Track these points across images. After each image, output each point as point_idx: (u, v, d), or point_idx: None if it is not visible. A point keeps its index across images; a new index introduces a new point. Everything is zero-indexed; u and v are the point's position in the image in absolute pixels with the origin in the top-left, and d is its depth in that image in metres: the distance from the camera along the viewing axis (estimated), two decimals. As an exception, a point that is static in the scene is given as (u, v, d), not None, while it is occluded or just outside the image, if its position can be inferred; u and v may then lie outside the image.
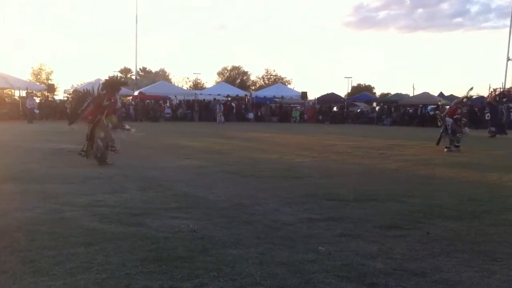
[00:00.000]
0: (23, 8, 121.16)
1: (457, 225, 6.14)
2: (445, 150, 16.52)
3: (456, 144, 16.70)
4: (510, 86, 49.76)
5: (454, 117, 16.81)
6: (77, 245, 4.90)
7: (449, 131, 16.78)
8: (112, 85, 11.99)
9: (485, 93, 38.57)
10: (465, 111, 17.32)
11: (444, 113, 17.37)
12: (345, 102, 50.68)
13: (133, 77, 65.87)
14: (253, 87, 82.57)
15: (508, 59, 52.82)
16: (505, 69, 53.01)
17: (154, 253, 4.71)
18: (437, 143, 17.25)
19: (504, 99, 31.21)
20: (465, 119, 17.13)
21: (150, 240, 5.14)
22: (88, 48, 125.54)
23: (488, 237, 5.61)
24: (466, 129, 17.07)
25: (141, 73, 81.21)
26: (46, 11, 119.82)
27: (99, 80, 46.61)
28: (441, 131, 17.32)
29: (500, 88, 47.61)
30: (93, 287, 3.90)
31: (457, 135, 16.82)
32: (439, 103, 17.93)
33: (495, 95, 31.59)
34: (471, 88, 18.04)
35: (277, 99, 49.74)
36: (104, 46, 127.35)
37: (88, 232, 5.39)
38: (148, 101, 44.86)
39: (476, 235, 5.66)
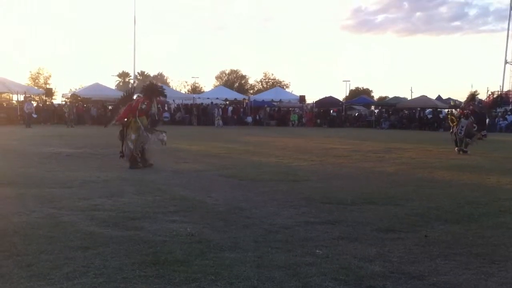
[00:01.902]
0: (21, 11, 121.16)
1: (455, 228, 6.14)
2: (457, 150, 16.60)
3: (464, 149, 16.76)
4: (508, 89, 50.02)
5: (467, 116, 16.95)
6: (74, 249, 4.88)
7: (462, 133, 16.85)
8: (152, 90, 12.40)
9: (483, 96, 38.62)
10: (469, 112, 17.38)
11: (458, 115, 17.47)
12: (343, 106, 50.70)
13: (131, 81, 65.87)
14: (252, 91, 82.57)
15: (506, 62, 53.07)
16: (503, 72, 53.31)
17: (152, 257, 4.70)
18: (456, 145, 17.26)
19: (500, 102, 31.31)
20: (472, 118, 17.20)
21: (147, 244, 5.13)
22: (86, 52, 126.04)
23: (486, 239, 5.62)
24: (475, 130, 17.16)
25: (139, 77, 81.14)
26: (44, 14, 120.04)
27: (97, 84, 46.83)
28: (451, 131, 17.40)
29: (498, 91, 47.89)
30: (91, 291, 3.90)
31: (467, 140, 16.91)
32: (452, 103, 18.22)
33: (493, 98, 31.73)
34: (493, 93, 18.44)
35: (275, 103, 49.79)
36: (102, 50, 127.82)
37: (86, 236, 5.37)
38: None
39: (474, 238, 5.66)
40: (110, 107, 36.76)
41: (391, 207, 7.38)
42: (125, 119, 11.88)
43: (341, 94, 71.86)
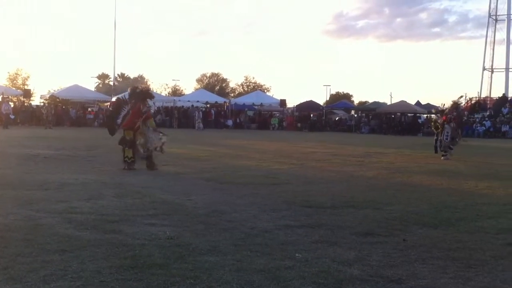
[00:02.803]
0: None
1: (433, 232, 6.19)
2: (442, 158, 16.77)
3: (451, 146, 17.02)
4: (486, 95, 50.78)
5: (450, 122, 17.25)
6: (51, 252, 4.82)
7: (448, 138, 17.07)
8: (144, 96, 12.50)
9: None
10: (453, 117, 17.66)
11: (441, 121, 17.68)
12: (324, 110, 50.97)
13: (111, 83, 65.40)
14: (232, 94, 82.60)
15: (484, 68, 53.85)
16: (480, 79, 54.09)
17: (130, 260, 4.66)
18: (436, 151, 17.54)
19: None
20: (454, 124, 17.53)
21: (126, 247, 5.09)
22: (66, 53, 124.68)
23: (463, 244, 5.68)
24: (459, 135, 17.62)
25: (119, 79, 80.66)
26: (22, 15, 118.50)
27: (76, 86, 46.39)
28: (436, 138, 17.62)
29: (476, 97, 48.59)
30: (68, 295, 3.85)
31: (456, 139, 17.31)
32: (440, 108, 18.63)
33: (472, 104, 32.24)
34: (461, 96, 18.91)
35: (256, 106, 49.86)
36: (82, 52, 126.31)
37: (63, 239, 5.31)
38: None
39: (452, 242, 5.72)
40: (100, 112, 36.45)
41: (370, 211, 7.42)
42: (131, 125, 11.99)
43: (321, 99, 72.03)
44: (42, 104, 44.85)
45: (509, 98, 45.26)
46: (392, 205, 8.00)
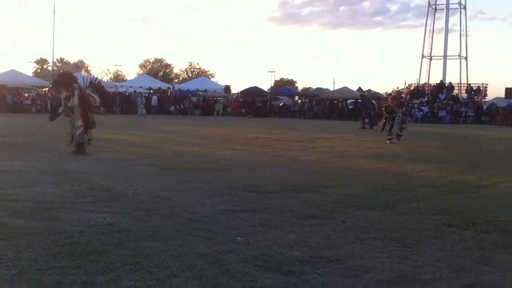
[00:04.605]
0: None
1: (371, 214, 6.36)
2: (388, 142, 17.24)
3: (399, 133, 17.58)
4: (424, 82, 52.33)
5: (402, 107, 18.05)
6: (-15, 241, 4.65)
7: (399, 122, 17.59)
8: (64, 81, 12.62)
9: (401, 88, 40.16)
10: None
11: (394, 105, 18.22)
12: (268, 96, 51.15)
13: (50, 68, 63.34)
14: (176, 80, 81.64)
15: (423, 56, 55.41)
16: (420, 66, 55.63)
17: (68, 247, 4.55)
18: (383, 130, 18.21)
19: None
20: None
21: (63, 234, 4.96)
22: (1, 37, 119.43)
23: (399, 224, 5.86)
24: (409, 119, 18.35)
25: (58, 64, 78.05)
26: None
27: (13, 71, 44.62)
28: (385, 121, 18.07)
29: (415, 83, 50.02)
30: (3, 283, 3.72)
31: (403, 125, 17.90)
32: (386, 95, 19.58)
33: (411, 90, 33.20)
34: (410, 85, 19.81)
35: (200, 92, 49.50)
36: (19, 36, 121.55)
37: (-3, 228, 5.12)
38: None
39: (389, 223, 5.89)
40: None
41: (311, 195, 7.54)
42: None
43: (266, 85, 72.41)
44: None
45: (446, 85, 46.72)
46: (332, 188, 8.15)
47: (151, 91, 48.04)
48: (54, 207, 6.16)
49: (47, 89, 43.25)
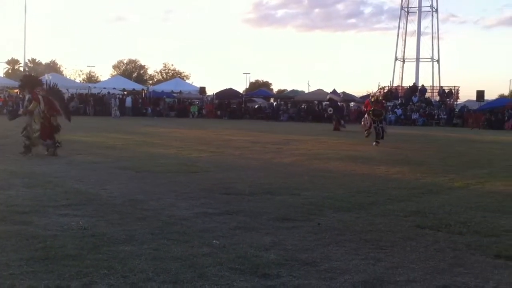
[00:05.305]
0: None
1: (347, 216, 6.40)
2: (374, 144, 17.49)
3: (378, 140, 17.91)
4: (398, 84, 52.99)
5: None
6: (-46, 247, 4.54)
7: (383, 125, 18.20)
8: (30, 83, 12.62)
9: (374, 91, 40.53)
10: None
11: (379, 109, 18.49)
12: (243, 98, 51.17)
13: (21, 68, 62.34)
14: (151, 81, 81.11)
15: (396, 59, 56.11)
16: (393, 69, 56.33)
17: (41, 252, 4.48)
18: (369, 135, 18.48)
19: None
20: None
21: (36, 238, 4.88)
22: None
23: (374, 226, 5.91)
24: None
25: (30, 65, 76.99)
26: None
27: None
28: (371, 125, 18.23)
29: (388, 86, 50.59)
30: (-28, 290, 3.64)
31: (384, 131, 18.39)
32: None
33: (384, 92, 33.46)
34: (383, 87, 20.13)
35: (175, 94, 49.28)
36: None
37: (-33, 233, 5.01)
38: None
39: (364, 225, 5.93)
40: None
41: (287, 197, 7.55)
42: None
43: (241, 86, 72.44)
44: None
45: (419, 87, 47.36)
46: (308, 190, 8.18)
47: (125, 92, 47.70)
48: (27, 210, 6.05)
49: (18, 90, 42.54)
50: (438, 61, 55.84)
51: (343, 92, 47.54)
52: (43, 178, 8.58)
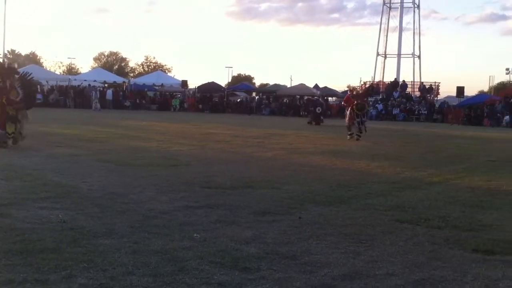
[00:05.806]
0: None
1: (327, 210, 6.43)
2: (352, 138, 17.76)
3: (359, 134, 18.09)
4: (379, 80, 53.30)
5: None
6: None
7: (365, 120, 18.64)
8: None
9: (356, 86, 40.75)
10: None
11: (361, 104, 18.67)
12: (225, 92, 51.06)
13: (0, 59, 61.33)
14: (132, 74, 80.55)
15: (378, 54, 56.40)
16: (374, 64, 56.63)
17: (19, 245, 4.43)
18: (350, 131, 18.43)
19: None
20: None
21: (14, 231, 4.83)
22: None
23: (354, 220, 5.95)
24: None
25: (9, 56, 75.75)
26: None
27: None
28: (354, 120, 18.33)
29: (370, 81, 50.87)
30: None
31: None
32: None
33: (366, 88, 33.65)
34: (365, 82, 20.50)
35: (156, 87, 49.01)
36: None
37: None
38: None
39: (344, 219, 5.97)
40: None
41: (268, 191, 7.57)
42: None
43: (223, 80, 72.15)
44: None
45: (400, 83, 47.69)
46: (289, 184, 8.21)
47: (106, 85, 47.28)
48: (5, 203, 5.99)
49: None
50: (419, 57, 56.20)
51: (325, 87, 47.83)
52: (22, 170, 8.49)
